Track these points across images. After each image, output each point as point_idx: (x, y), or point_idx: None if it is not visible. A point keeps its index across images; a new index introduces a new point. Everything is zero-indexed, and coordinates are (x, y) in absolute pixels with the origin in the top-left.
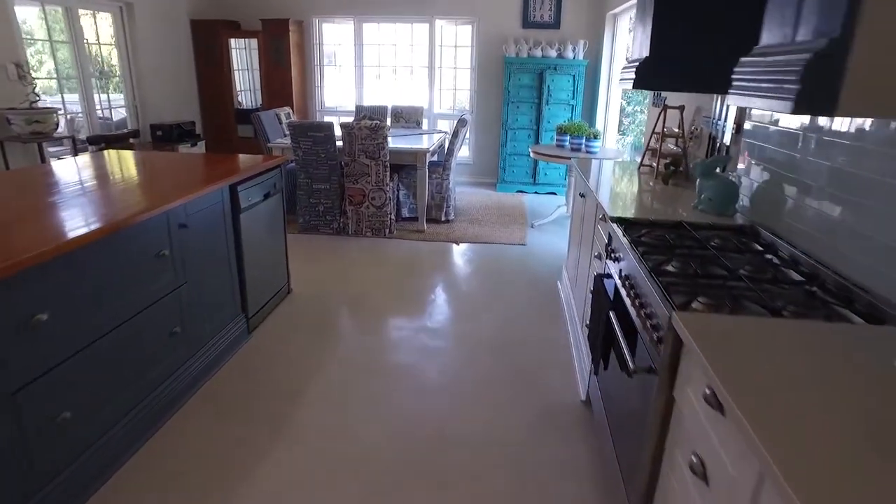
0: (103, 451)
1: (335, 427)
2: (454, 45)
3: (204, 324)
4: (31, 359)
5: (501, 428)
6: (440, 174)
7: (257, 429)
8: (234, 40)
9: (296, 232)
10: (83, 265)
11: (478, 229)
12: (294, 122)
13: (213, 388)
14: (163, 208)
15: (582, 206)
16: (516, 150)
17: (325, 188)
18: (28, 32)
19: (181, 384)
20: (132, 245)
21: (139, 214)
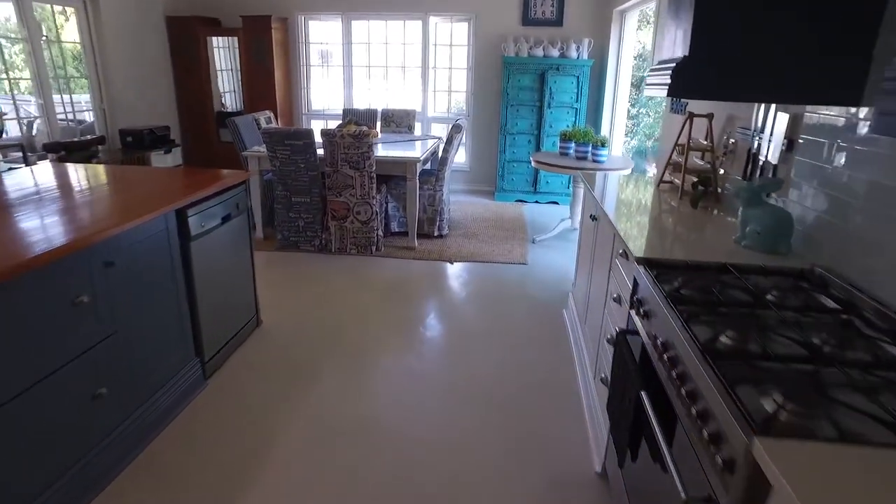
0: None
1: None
2: (449, 43)
3: (142, 377)
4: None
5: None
6: (433, 185)
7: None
8: (219, 38)
9: (273, 249)
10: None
11: (474, 245)
12: (270, 129)
13: (154, 455)
14: (84, 244)
15: (593, 230)
16: (516, 156)
17: (306, 201)
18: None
19: (110, 457)
20: (36, 293)
21: (46, 256)
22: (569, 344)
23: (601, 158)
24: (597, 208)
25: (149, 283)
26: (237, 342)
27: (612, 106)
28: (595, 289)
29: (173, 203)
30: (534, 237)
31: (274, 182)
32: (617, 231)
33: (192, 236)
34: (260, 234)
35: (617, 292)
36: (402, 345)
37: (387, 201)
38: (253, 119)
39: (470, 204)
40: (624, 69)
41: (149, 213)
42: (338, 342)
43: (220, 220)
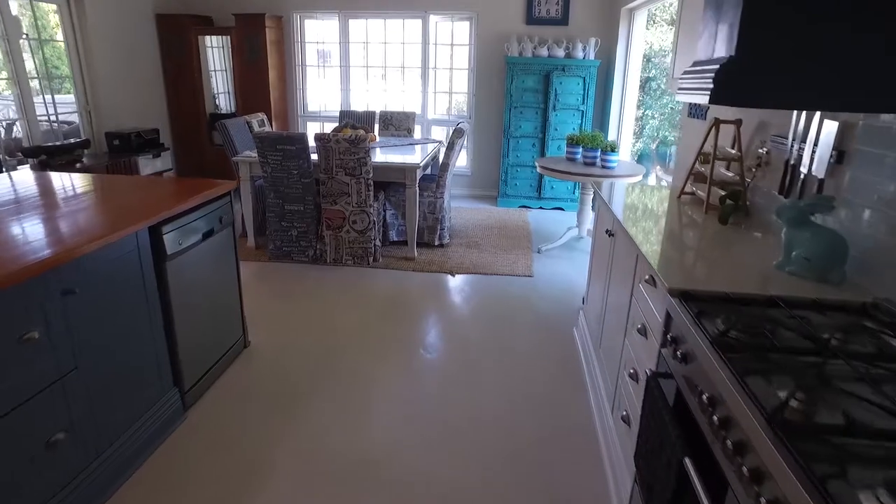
0: None
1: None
2: (450, 43)
3: (110, 415)
4: None
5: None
6: (433, 192)
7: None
8: (212, 38)
9: (265, 259)
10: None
11: (476, 256)
12: (261, 133)
13: (121, 503)
14: (33, 273)
15: (609, 246)
16: (519, 160)
17: (299, 209)
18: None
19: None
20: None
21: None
22: (580, 368)
23: (611, 164)
24: (614, 223)
25: (117, 311)
26: (222, 367)
27: (619, 109)
28: (612, 313)
29: (146, 219)
30: (539, 247)
31: (265, 189)
32: (641, 253)
33: (167, 255)
34: (251, 243)
35: (641, 322)
36: (401, 371)
37: (385, 209)
38: (245, 122)
39: (472, 210)
40: (632, 70)
41: (116, 233)
42: (331, 367)
43: (202, 236)
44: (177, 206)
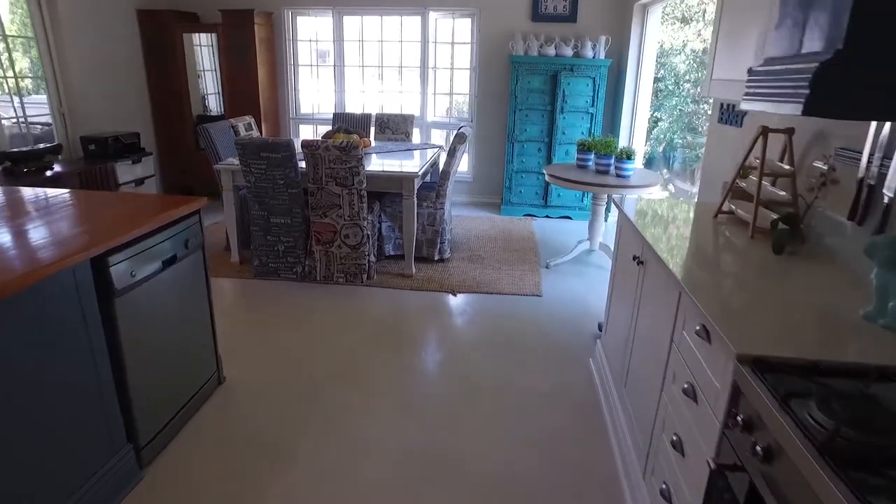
0: None
1: None
2: (451, 41)
3: (39, 488)
4: None
5: None
6: (432, 202)
7: None
8: (201, 36)
9: (249, 277)
10: None
11: (480, 272)
12: (243, 139)
13: None
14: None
15: (636, 275)
16: (525, 166)
17: (286, 222)
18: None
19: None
20: None
21: None
22: (599, 408)
23: (626, 173)
24: (644, 250)
25: (46, 361)
26: (191, 410)
27: (631, 111)
28: (642, 355)
29: (87, 250)
30: (547, 261)
31: (249, 200)
32: (688, 296)
33: (116, 291)
34: (235, 258)
35: (688, 381)
36: (397, 412)
37: (380, 221)
38: (230, 126)
39: (474, 219)
40: (645, 71)
41: (44, 269)
42: (317, 405)
43: (162, 264)
44: (129, 232)
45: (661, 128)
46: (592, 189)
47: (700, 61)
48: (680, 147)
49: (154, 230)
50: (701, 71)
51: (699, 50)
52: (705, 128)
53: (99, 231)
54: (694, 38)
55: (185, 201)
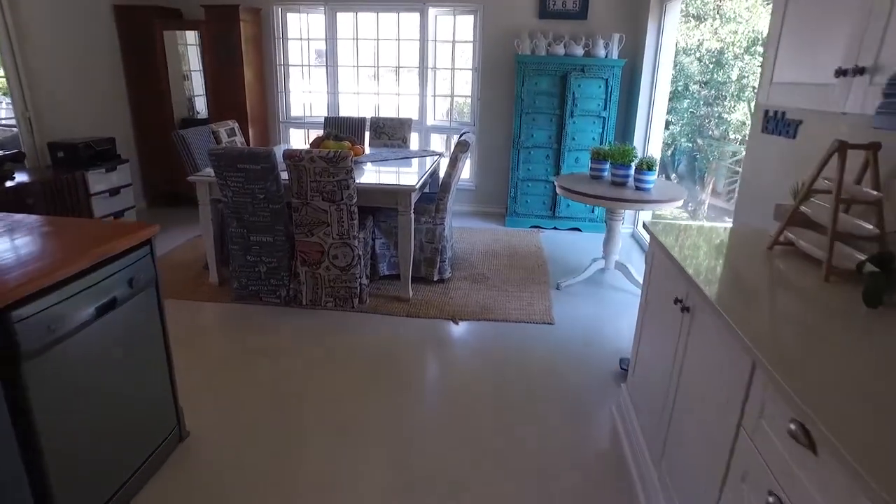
0: None
1: None
2: (451, 40)
3: None
4: None
5: None
6: (431, 217)
7: None
8: (188, 34)
9: (229, 300)
10: None
11: (484, 294)
12: (217, 149)
13: None
14: None
15: (679, 322)
16: (531, 174)
17: (268, 241)
18: None
19: None
20: None
21: None
22: (628, 475)
23: (647, 185)
24: (689, 295)
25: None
26: (143, 476)
27: (647, 116)
28: (691, 434)
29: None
30: (559, 282)
31: (226, 216)
32: (777, 381)
33: (25, 354)
34: (214, 279)
35: (772, 491)
36: (388, 465)
37: (374, 237)
38: (210, 131)
39: (477, 231)
40: (663, 72)
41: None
42: (297, 467)
43: (96, 311)
44: (45, 277)
45: (671, 131)
46: (609, 204)
47: (716, 62)
48: (690, 152)
49: (85, 270)
50: (716, 72)
51: (714, 50)
52: (716, 132)
53: (2, 276)
54: (710, 36)
55: (130, 230)
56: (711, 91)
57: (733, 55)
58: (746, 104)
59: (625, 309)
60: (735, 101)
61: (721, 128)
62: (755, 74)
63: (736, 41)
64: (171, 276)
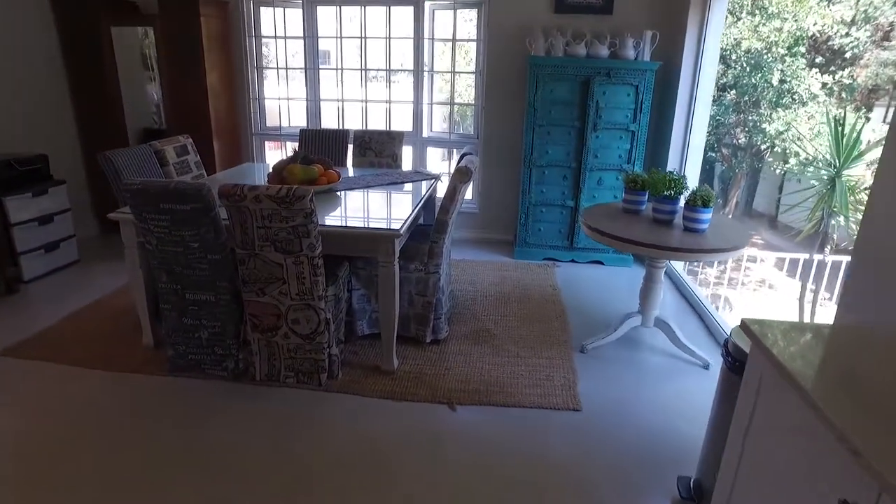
0: None
1: None
2: (452, 38)
3: None
4: None
5: None
6: (423, 264)
7: None
8: (148, 29)
9: (163, 374)
10: None
11: (489, 362)
12: (131, 184)
13: None
14: None
15: (795, 458)
16: (545, 197)
17: (209, 300)
18: None
19: None
20: None
21: None
22: None
23: (701, 227)
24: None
25: None
26: None
27: (685, 131)
28: None
29: None
30: (584, 343)
31: (154, 268)
32: None
33: None
34: (149, 340)
35: None
36: None
37: (350, 289)
38: (152, 151)
39: (480, 265)
40: (706, 77)
41: None
42: None
43: None
44: None
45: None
46: (655, 254)
47: (754, 64)
48: (710, 162)
49: None
50: (753, 75)
51: (752, 50)
52: (742, 140)
53: None
54: (749, 35)
55: None
56: (744, 97)
57: (774, 56)
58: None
59: (674, 386)
60: (772, 109)
61: (754, 137)
62: (798, 79)
63: (780, 40)
64: (98, 330)
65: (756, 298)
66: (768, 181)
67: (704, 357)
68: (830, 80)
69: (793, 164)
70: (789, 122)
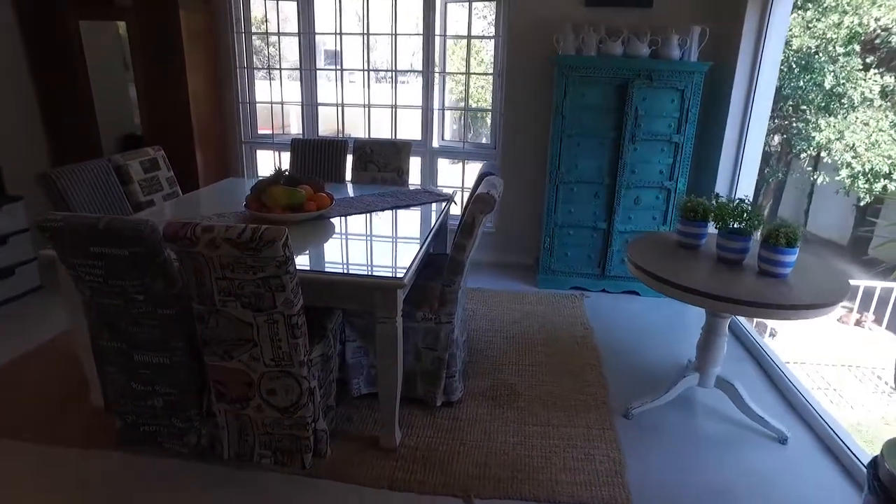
0: None
1: None
2: (467, 35)
3: None
4: None
5: None
6: (434, 311)
7: None
8: (121, 24)
9: (111, 445)
10: None
11: (514, 434)
12: (51, 219)
13: None
14: None
15: None
16: (574, 218)
17: (162, 363)
18: None
19: None
20: None
21: None
22: None
23: (783, 270)
24: None
25: None
26: None
27: (738, 144)
28: None
29: None
30: (629, 406)
31: (93, 323)
32: None
33: None
34: (98, 400)
35: None
36: None
37: (344, 340)
38: (111, 167)
39: (498, 295)
40: (765, 81)
41: None
42: None
43: None
44: None
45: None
46: (728, 309)
47: (804, 64)
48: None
49: None
50: (802, 77)
51: (803, 49)
52: (777, 147)
53: None
54: (801, 32)
55: None
56: (789, 102)
57: (828, 56)
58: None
59: (744, 465)
60: (820, 115)
61: (796, 147)
62: (853, 82)
63: (839, 37)
64: (42, 383)
65: (833, 342)
66: (825, 199)
67: (780, 429)
68: (893, 83)
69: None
70: (842, 130)
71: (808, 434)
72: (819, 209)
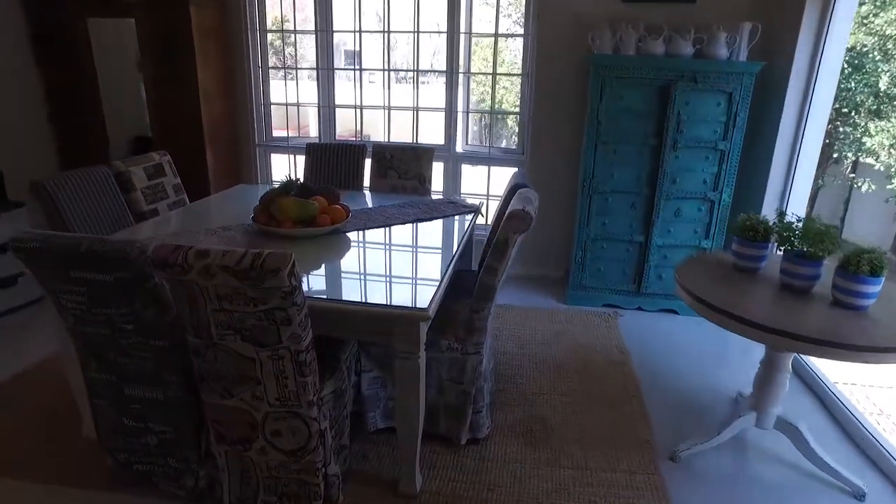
0: None
1: None
2: (493, 33)
3: None
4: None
5: None
6: (460, 340)
7: None
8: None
9: (103, 485)
10: None
11: (548, 478)
12: (27, 238)
13: None
14: None
15: None
16: (608, 230)
17: (155, 398)
18: None
19: None
20: None
21: None
22: None
23: (864, 302)
24: None
25: None
26: None
27: (790, 153)
28: None
29: None
30: (676, 449)
31: (80, 352)
32: None
33: None
34: (90, 431)
35: None
36: None
37: (358, 371)
38: (109, 174)
39: (526, 313)
40: (824, 85)
41: None
42: None
43: None
44: None
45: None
46: (797, 347)
47: (856, 65)
48: None
49: None
50: (853, 79)
51: (857, 46)
52: (829, 164)
53: None
54: (856, 28)
55: None
56: (834, 105)
57: (883, 55)
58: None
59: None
60: (869, 118)
61: (840, 152)
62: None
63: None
64: (33, 409)
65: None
66: (863, 206)
67: (855, 482)
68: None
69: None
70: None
71: (890, 489)
72: (856, 216)
